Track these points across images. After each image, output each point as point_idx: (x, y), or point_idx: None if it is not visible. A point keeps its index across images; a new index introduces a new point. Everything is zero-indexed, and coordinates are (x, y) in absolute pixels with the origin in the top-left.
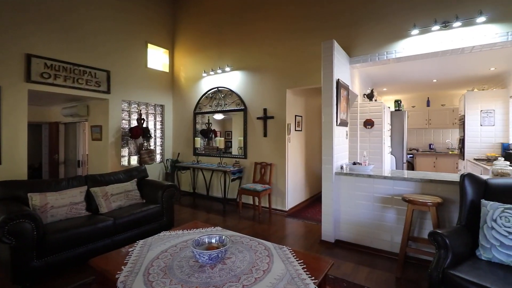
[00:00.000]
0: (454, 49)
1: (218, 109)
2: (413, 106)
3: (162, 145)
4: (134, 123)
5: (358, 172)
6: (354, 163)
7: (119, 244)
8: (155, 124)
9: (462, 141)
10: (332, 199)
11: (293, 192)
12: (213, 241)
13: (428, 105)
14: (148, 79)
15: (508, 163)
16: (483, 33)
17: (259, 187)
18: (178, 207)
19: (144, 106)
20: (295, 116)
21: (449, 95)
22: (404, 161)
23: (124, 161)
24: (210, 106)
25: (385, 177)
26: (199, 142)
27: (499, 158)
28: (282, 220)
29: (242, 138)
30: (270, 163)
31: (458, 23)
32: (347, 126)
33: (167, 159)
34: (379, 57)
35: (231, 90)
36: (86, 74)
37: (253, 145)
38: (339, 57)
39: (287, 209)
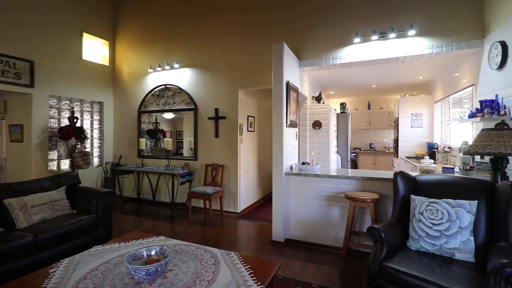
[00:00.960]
0: (390, 58)
1: (166, 108)
2: (356, 109)
3: (100, 147)
4: (65, 122)
5: (307, 172)
6: (303, 163)
7: (42, 263)
8: (92, 124)
9: (396, 141)
10: (282, 199)
11: (245, 193)
12: (153, 253)
13: (369, 108)
14: (84, 73)
15: (432, 161)
16: (413, 45)
17: (210, 189)
18: (119, 215)
19: (78, 103)
20: (248, 116)
21: (386, 100)
22: (349, 159)
23: (53, 166)
24: (157, 104)
25: (331, 176)
26: (145, 143)
27: (425, 157)
28: (234, 223)
29: (193, 139)
30: (222, 164)
31: (393, 35)
32: (296, 127)
33: (106, 163)
34: (326, 62)
35: (180, 88)
36: (1, 64)
37: (204, 146)
38: (289, 59)
39: (239, 210)
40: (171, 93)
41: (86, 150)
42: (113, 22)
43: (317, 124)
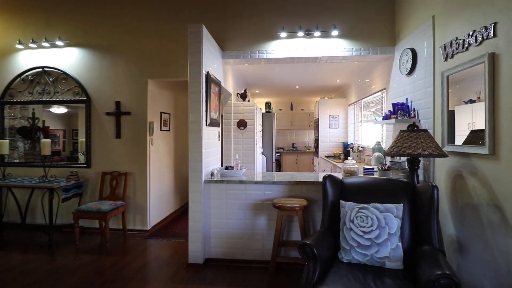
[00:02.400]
0: (314, 56)
1: (44, 99)
2: (280, 109)
3: None
4: None
5: (230, 178)
6: (227, 168)
7: None
8: None
9: (316, 141)
10: (201, 212)
11: (157, 206)
12: None
13: (291, 109)
14: None
15: (354, 162)
16: (335, 45)
17: (106, 205)
18: None
19: None
20: (161, 113)
21: (307, 101)
22: (274, 160)
23: None
24: (30, 93)
25: (256, 182)
26: (10, 146)
27: (349, 158)
28: (141, 244)
29: (84, 140)
30: (125, 172)
31: (318, 33)
32: (219, 126)
33: None
34: (251, 55)
35: (65, 73)
36: None
37: (100, 150)
38: (210, 47)
39: (149, 227)
40: (51, 79)
41: None
42: None
43: (242, 124)
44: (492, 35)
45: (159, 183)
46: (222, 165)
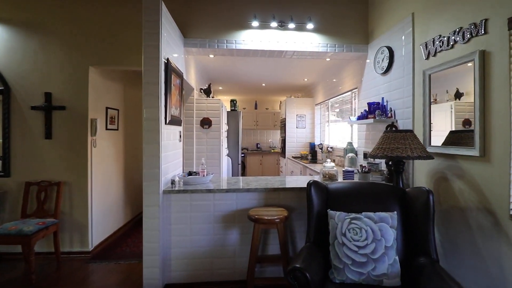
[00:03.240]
0: (288, 50)
1: None
2: (244, 108)
3: None
4: None
5: (195, 186)
6: (190, 174)
7: None
8: None
9: (283, 141)
10: (158, 231)
11: (102, 221)
12: None
13: (256, 107)
14: None
15: (333, 164)
16: (310, 40)
17: (30, 225)
18: None
19: None
20: (107, 108)
21: (272, 101)
22: (239, 162)
23: None
24: None
25: (228, 191)
26: None
27: (328, 160)
28: (81, 270)
29: (2, 140)
30: (57, 181)
31: (292, 25)
32: (181, 125)
33: None
34: (219, 45)
35: None
36: None
37: (23, 154)
38: (170, 30)
39: (91, 248)
40: None
41: None
42: None
43: (206, 122)
44: (482, 32)
45: (104, 194)
46: (183, 171)
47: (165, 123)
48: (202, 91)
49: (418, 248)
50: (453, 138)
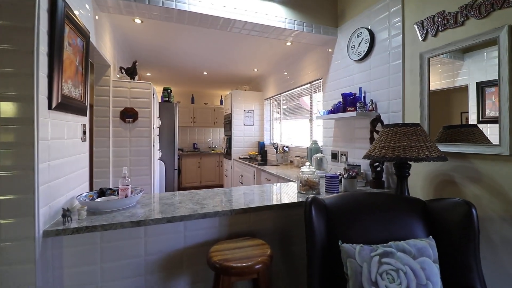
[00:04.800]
0: (247, 22)
1: None
2: (178, 102)
3: None
4: None
5: (112, 215)
6: (103, 193)
7: None
8: None
9: (229, 140)
10: None
11: None
12: None
13: (192, 102)
14: None
15: (313, 168)
16: (275, 13)
17: None
18: None
19: None
20: None
21: (211, 95)
22: (176, 167)
23: None
24: None
25: (170, 220)
26: None
27: (307, 163)
28: None
29: None
30: None
31: None
32: (85, 114)
33: None
34: (151, 0)
35: None
36: None
37: None
38: None
39: None
40: None
41: None
42: None
43: (130, 115)
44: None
45: None
46: (92, 189)
47: (50, 108)
48: (123, 71)
49: (459, 278)
50: (449, 134)
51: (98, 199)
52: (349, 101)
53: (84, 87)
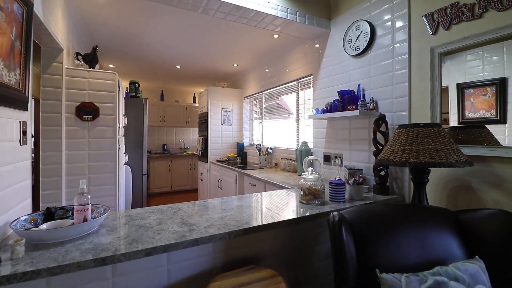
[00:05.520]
0: (237, 5)
1: None
2: (146, 99)
3: None
4: None
5: (64, 249)
6: (51, 215)
7: None
8: None
9: (205, 141)
10: None
11: None
12: None
13: (162, 99)
14: None
15: (317, 175)
16: None
17: None
18: None
19: None
20: None
21: (183, 92)
22: (144, 172)
23: None
24: None
25: (150, 252)
26: None
27: (309, 169)
28: None
29: None
30: None
31: None
32: (27, 109)
33: None
34: None
35: None
36: None
37: None
38: None
39: None
40: None
41: None
42: None
43: (88, 111)
44: None
45: None
46: (38, 206)
47: None
48: (80, 58)
49: None
50: (460, 136)
51: (44, 225)
52: (347, 99)
53: (24, 72)
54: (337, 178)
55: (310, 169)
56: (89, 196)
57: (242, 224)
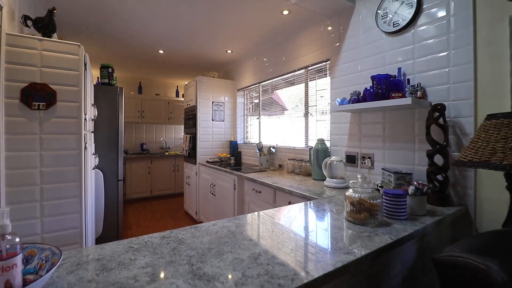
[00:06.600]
0: None
1: None
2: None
3: None
4: None
5: None
6: None
7: None
8: None
9: (192, 139)
10: None
11: None
12: None
13: (140, 92)
14: None
15: (372, 185)
16: None
17: None
18: None
19: None
20: None
21: (164, 84)
22: (120, 177)
23: None
24: None
25: None
26: None
27: (358, 176)
28: None
29: None
30: None
31: None
32: None
33: None
34: None
35: None
36: None
37: None
38: None
39: None
40: None
41: None
42: None
43: (40, 95)
44: None
45: None
46: None
47: None
48: (30, 22)
49: None
50: None
51: None
52: (386, 86)
53: None
54: (378, 185)
55: (359, 175)
56: (17, 239)
57: (294, 271)
